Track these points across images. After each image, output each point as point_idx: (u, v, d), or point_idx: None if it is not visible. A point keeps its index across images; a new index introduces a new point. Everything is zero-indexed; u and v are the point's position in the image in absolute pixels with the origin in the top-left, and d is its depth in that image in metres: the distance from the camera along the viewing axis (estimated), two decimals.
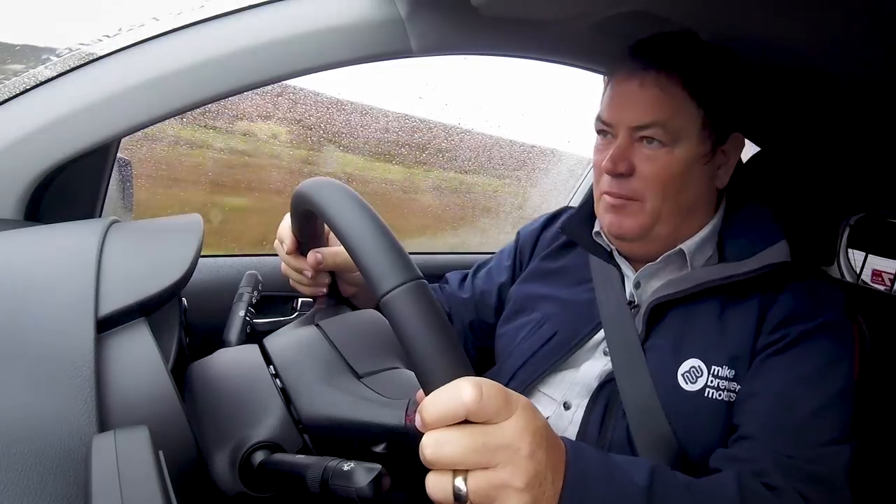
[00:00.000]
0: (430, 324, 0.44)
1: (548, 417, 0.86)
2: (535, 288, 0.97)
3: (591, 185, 0.90)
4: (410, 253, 0.48)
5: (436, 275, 1.15)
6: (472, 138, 1.74)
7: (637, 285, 0.88)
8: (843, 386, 0.72)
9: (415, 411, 0.54)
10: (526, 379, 0.89)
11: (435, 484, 0.45)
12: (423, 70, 1.48)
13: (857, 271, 1.54)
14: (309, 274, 0.79)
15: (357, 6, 0.84)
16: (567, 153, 1.85)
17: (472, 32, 0.90)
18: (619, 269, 0.90)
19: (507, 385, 0.91)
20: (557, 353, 0.88)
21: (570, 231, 0.97)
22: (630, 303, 0.87)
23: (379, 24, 0.84)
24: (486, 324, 1.04)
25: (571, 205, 1.61)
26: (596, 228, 0.92)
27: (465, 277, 1.10)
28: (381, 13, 0.84)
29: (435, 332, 0.44)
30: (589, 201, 0.94)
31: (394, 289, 0.45)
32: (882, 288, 1.89)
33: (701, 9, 0.84)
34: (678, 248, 0.84)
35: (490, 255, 1.13)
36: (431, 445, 0.44)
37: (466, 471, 0.44)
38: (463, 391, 0.43)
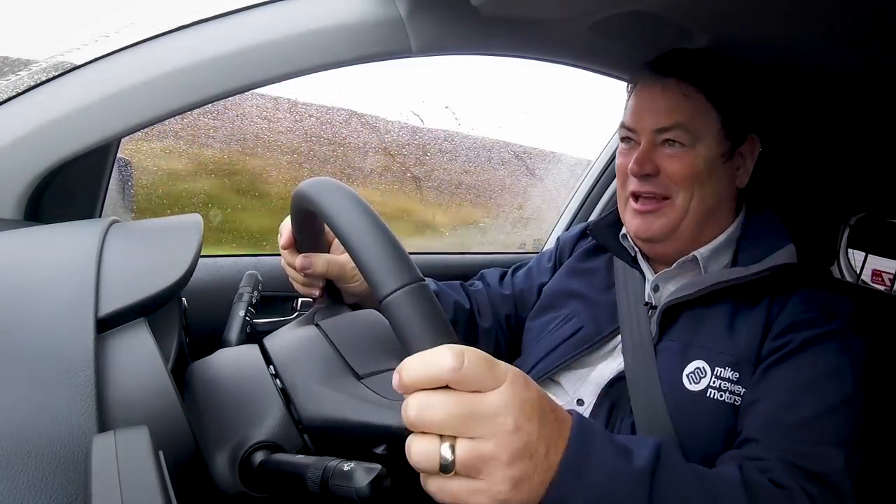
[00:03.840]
0: (431, 327, 0.44)
1: None
2: (565, 284, 1.03)
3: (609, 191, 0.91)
4: (410, 253, 0.48)
5: (436, 275, 1.15)
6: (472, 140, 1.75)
7: (655, 288, 0.91)
8: (847, 395, 0.72)
9: None
10: (547, 367, 0.93)
11: (420, 450, 0.42)
12: (424, 71, 1.48)
13: (857, 271, 1.54)
14: (301, 273, 0.80)
15: (357, 6, 0.84)
16: (567, 154, 1.85)
17: (472, 32, 0.90)
18: (641, 272, 0.94)
19: (528, 373, 0.94)
20: (580, 347, 0.92)
21: (597, 234, 1.02)
22: (647, 304, 0.90)
23: (379, 24, 0.84)
24: (522, 320, 1.08)
25: (570, 206, 1.62)
26: (623, 231, 0.96)
27: (503, 275, 1.15)
28: (381, 13, 0.84)
29: (437, 335, 0.44)
30: (616, 207, 0.98)
31: (395, 291, 0.44)
32: (882, 288, 1.89)
33: (700, 9, 0.84)
34: (691, 254, 0.87)
35: (490, 255, 1.14)
36: (416, 407, 0.42)
37: (454, 438, 0.42)
38: (443, 357, 0.41)
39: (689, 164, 0.83)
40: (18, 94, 0.76)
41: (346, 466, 0.48)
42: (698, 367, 0.80)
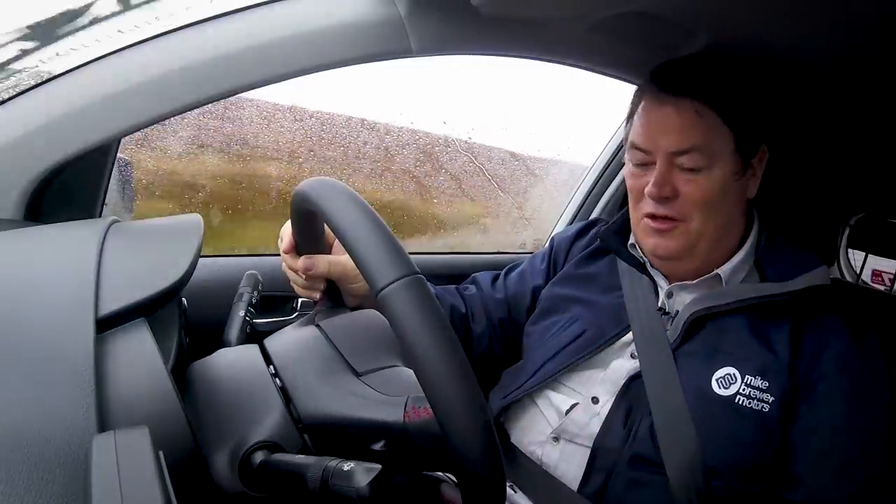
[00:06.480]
0: (427, 319, 0.44)
1: (574, 405, 0.89)
2: (566, 290, 1.01)
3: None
4: (410, 253, 0.48)
5: (435, 275, 1.15)
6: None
7: (669, 295, 0.91)
8: (885, 413, 0.78)
9: (413, 409, 0.54)
10: (552, 370, 0.92)
11: None
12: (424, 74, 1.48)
13: (857, 271, 1.54)
14: (302, 276, 0.80)
15: (357, 6, 0.84)
16: (567, 159, 1.85)
17: (472, 32, 0.90)
18: (651, 278, 0.93)
19: (531, 376, 0.94)
20: (585, 349, 0.91)
21: (608, 241, 1.00)
22: (660, 309, 0.90)
23: (379, 24, 0.84)
24: (516, 323, 1.07)
25: (570, 206, 1.62)
26: (631, 241, 0.96)
27: (496, 278, 1.13)
28: (381, 13, 0.84)
29: (433, 328, 0.44)
30: (625, 213, 0.97)
31: (390, 284, 0.45)
32: (882, 288, 1.88)
33: (700, 9, 0.84)
34: (714, 272, 0.88)
35: (489, 255, 1.13)
36: None
37: None
38: None
39: (707, 188, 0.83)
40: (19, 94, 0.75)
41: (346, 466, 0.48)
42: (728, 374, 0.81)
